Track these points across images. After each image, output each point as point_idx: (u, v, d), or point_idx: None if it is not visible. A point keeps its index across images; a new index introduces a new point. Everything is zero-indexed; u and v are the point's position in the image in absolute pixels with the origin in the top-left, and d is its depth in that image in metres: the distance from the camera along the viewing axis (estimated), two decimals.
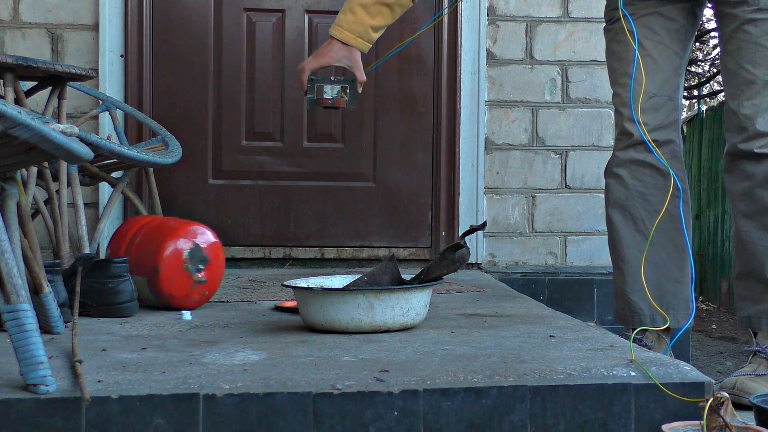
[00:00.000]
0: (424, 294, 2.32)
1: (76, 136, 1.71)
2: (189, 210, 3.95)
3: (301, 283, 2.41)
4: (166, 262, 2.56)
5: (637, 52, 2.40)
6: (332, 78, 2.58)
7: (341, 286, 2.40)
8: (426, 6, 4.03)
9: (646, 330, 2.54)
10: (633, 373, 1.84)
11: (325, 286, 2.39)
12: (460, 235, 2.71)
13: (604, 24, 2.72)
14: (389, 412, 1.70)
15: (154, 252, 2.57)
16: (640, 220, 2.59)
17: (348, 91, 2.55)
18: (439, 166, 4.02)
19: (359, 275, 2.45)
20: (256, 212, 4.00)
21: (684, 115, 10.31)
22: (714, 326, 6.42)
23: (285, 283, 2.43)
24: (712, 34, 10.75)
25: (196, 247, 2.59)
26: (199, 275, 2.60)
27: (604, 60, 2.75)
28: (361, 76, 2.55)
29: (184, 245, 2.58)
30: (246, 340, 2.15)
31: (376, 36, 2.56)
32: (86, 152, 1.71)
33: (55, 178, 2.91)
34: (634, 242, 2.60)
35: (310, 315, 2.28)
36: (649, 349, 2.44)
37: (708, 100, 11.18)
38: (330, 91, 2.55)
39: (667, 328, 2.55)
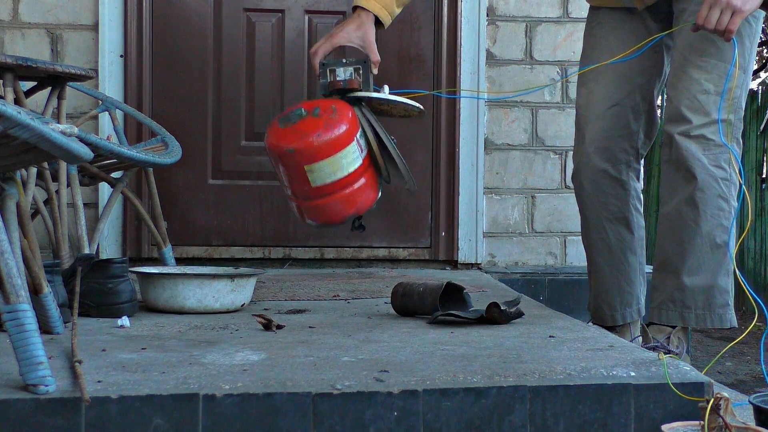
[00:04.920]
0: (224, 283, 2.56)
1: (76, 136, 1.70)
2: (189, 210, 3.95)
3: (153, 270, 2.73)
4: None
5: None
6: (344, 60, 2.45)
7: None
8: (426, 5, 4.03)
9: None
10: (632, 374, 1.84)
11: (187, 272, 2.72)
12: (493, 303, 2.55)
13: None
14: (389, 413, 1.70)
15: None
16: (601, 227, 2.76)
17: (362, 72, 2.41)
18: (439, 167, 4.02)
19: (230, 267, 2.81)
20: (256, 212, 4.00)
21: None
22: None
23: (132, 269, 2.65)
24: None
25: None
26: None
27: None
28: (375, 56, 2.44)
29: None
30: (246, 340, 2.15)
31: (398, 10, 2.50)
32: (86, 152, 1.71)
33: (55, 178, 2.91)
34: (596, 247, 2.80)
35: (150, 298, 2.60)
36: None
37: None
38: (342, 73, 2.42)
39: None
